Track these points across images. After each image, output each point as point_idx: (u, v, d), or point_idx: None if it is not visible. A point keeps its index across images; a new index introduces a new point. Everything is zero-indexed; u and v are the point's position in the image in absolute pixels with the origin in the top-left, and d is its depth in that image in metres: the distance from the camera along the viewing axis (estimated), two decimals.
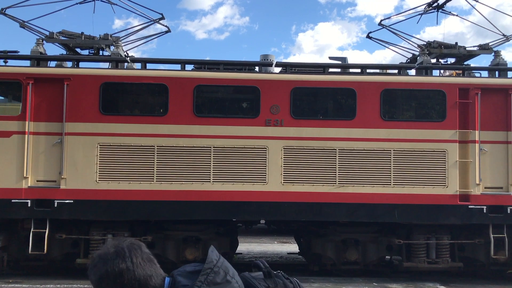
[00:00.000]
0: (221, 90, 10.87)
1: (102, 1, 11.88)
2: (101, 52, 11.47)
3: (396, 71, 11.60)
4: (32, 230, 9.84)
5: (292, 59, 53.82)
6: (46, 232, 9.81)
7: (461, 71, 11.62)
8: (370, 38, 12.60)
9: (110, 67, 10.91)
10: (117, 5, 11.86)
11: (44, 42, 11.06)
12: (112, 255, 1.82)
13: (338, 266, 10.89)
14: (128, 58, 11.21)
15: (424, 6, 12.47)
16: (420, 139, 10.40)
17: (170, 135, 10.16)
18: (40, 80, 10.09)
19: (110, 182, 10.02)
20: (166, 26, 11.99)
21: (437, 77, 11.36)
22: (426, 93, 10.84)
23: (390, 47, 13.25)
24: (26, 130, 9.94)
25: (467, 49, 11.79)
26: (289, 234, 16.09)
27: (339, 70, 11.70)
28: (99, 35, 11.25)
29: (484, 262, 10.78)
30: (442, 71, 12.00)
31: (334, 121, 10.48)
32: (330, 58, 12.70)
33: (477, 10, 12.24)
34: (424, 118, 10.77)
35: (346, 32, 58.11)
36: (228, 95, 11.01)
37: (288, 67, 11.05)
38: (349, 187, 10.24)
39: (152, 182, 10.06)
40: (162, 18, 11.77)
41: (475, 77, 11.20)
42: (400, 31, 12.30)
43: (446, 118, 10.47)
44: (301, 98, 10.66)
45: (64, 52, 11.59)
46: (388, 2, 52.93)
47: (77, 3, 11.78)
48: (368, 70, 11.33)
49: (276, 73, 11.02)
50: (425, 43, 11.88)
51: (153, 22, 11.84)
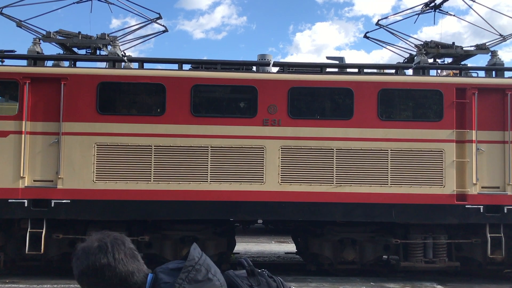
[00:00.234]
0: (218, 90, 10.86)
1: (99, 0, 11.86)
2: (98, 51, 11.45)
3: (393, 71, 11.63)
4: (29, 230, 9.81)
5: (289, 59, 53.84)
6: (43, 232, 9.79)
7: (458, 71, 11.64)
8: (368, 38, 12.63)
9: (107, 67, 10.89)
10: (114, 4, 11.85)
11: (41, 41, 11.03)
12: (94, 250, 1.81)
13: (336, 265, 10.90)
14: (125, 58, 11.19)
15: (421, 6, 12.50)
16: (417, 139, 10.42)
17: (167, 135, 10.15)
18: (37, 79, 10.07)
19: (107, 182, 10.00)
20: (164, 26, 11.99)
21: (434, 77, 11.37)
22: (423, 93, 10.86)
23: (388, 47, 13.27)
24: (23, 130, 9.91)
25: (464, 49, 11.82)
26: (286, 234, 16.11)
27: (337, 70, 11.71)
28: (96, 35, 11.23)
29: (481, 262, 10.80)
30: (439, 71, 12.02)
31: (332, 121, 10.49)
32: (328, 58, 12.69)
33: (474, 10, 12.28)
34: (421, 118, 10.78)
35: (343, 32, 58.20)
36: (225, 95, 11.00)
37: (285, 67, 11.05)
38: (346, 187, 10.25)
39: (149, 182, 10.05)
40: (160, 17, 11.76)
41: (472, 77, 11.22)
42: (397, 31, 12.34)
43: (443, 118, 10.49)
44: (298, 98, 10.66)
45: (61, 51, 11.57)
46: (385, 2, 53.03)
47: (74, 3, 11.76)
48: (365, 70, 11.34)
49: (273, 72, 11.03)
50: (422, 43, 11.91)
51: (150, 21, 11.84)
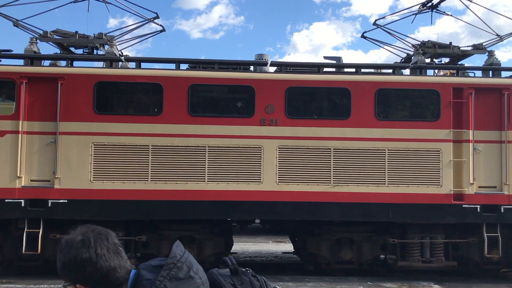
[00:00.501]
0: (216, 90, 10.85)
1: (96, 0, 11.84)
2: (95, 51, 11.43)
3: (390, 71, 11.64)
4: (25, 230, 9.79)
5: (287, 59, 53.91)
6: (40, 232, 9.77)
7: (455, 71, 11.67)
8: (365, 37, 12.64)
9: (104, 66, 10.86)
10: (111, 4, 11.84)
11: (38, 41, 11.00)
12: (77, 244, 1.79)
13: (333, 265, 10.91)
14: (122, 57, 11.18)
15: (418, 6, 12.51)
16: (414, 139, 10.43)
17: (164, 135, 10.14)
18: (33, 79, 10.04)
19: (105, 181, 9.98)
20: (161, 25, 11.98)
21: (431, 76, 11.39)
22: (420, 92, 10.88)
23: (385, 47, 13.30)
24: (20, 130, 9.89)
25: (461, 49, 11.84)
26: (284, 234, 16.10)
27: (334, 69, 11.72)
28: (94, 34, 11.21)
29: (478, 261, 10.83)
30: (436, 71, 12.04)
31: (329, 120, 10.50)
32: (325, 57, 12.73)
33: (471, 10, 12.34)
34: (418, 117, 10.80)
35: (341, 31, 58.25)
36: (223, 95, 11.00)
37: (283, 67, 11.05)
38: (343, 187, 10.26)
39: (146, 182, 10.03)
40: (157, 17, 11.74)
41: (469, 77, 11.25)
42: (394, 31, 12.35)
43: (440, 117, 10.51)
44: (296, 98, 10.66)
45: (58, 51, 11.54)
46: (382, 2, 53.10)
47: (71, 2, 11.73)
48: (362, 70, 11.35)
49: (271, 72, 11.03)
50: (419, 43, 11.92)
51: (147, 21, 11.82)
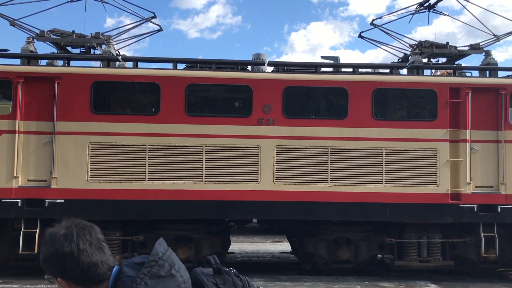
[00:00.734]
0: (213, 89, 10.85)
1: None
2: (92, 51, 11.41)
3: (387, 71, 11.65)
4: (22, 230, 9.76)
5: (284, 59, 53.88)
6: (36, 232, 9.74)
7: (452, 71, 11.68)
8: (362, 37, 12.65)
9: (101, 66, 10.85)
10: (108, 3, 11.82)
11: (34, 40, 10.98)
12: (60, 237, 1.78)
13: (330, 265, 10.92)
14: (119, 57, 11.16)
15: (415, 6, 12.54)
16: (411, 139, 10.45)
17: (162, 134, 10.12)
18: (30, 78, 10.01)
19: (102, 181, 9.97)
20: (158, 25, 11.97)
21: (428, 76, 11.41)
22: (418, 92, 10.89)
23: (382, 47, 13.30)
24: (17, 129, 9.86)
25: (458, 48, 11.86)
26: (281, 233, 16.10)
27: (331, 69, 11.73)
28: (91, 34, 11.19)
29: (474, 261, 10.85)
30: (433, 71, 12.06)
31: (326, 120, 10.50)
32: (322, 57, 12.73)
33: (468, 10, 12.36)
34: (415, 117, 10.81)
35: (338, 31, 58.27)
36: (220, 94, 10.99)
37: (280, 66, 11.05)
38: (341, 186, 10.27)
39: (144, 182, 10.02)
40: (154, 16, 11.73)
41: (466, 76, 11.27)
42: (392, 31, 12.37)
43: (437, 117, 10.53)
44: (293, 98, 10.67)
45: (55, 50, 11.51)
46: (380, 2, 53.14)
47: (68, 1, 11.71)
48: (360, 70, 11.36)
49: (268, 72, 11.02)
50: (416, 43, 11.94)
51: (145, 20, 11.81)
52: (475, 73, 11.44)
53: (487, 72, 11.26)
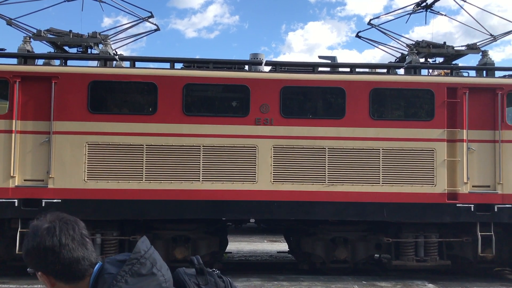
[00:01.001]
0: (210, 89, 10.84)
1: None
2: (89, 50, 11.38)
3: (385, 71, 11.67)
4: (19, 230, 9.73)
5: (282, 58, 53.90)
6: None
7: (449, 71, 11.70)
8: (360, 37, 12.66)
9: (98, 66, 10.81)
10: (106, 3, 11.79)
11: (31, 40, 10.95)
12: (42, 231, 1.75)
13: (328, 264, 10.93)
14: (116, 57, 11.13)
15: (413, 6, 12.54)
16: (408, 138, 10.46)
17: (159, 134, 10.11)
18: (27, 78, 9.98)
19: (99, 181, 9.95)
20: (155, 25, 11.95)
21: (425, 76, 11.43)
22: (415, 92, 10.90)
23: (379, 47, 13.32)
24: (13, 129, 9.83)
25: (455, 48, 11.88)
26: (278, 233, 16.12)
27: (329, 69, 11.73)
28: (88, 33, 11.16)
29: (471, 260, 10.88)
30: (430, 71, 12.08)
31: (324, 120, 10.51)
32: (320, 57, 12.74)
33: (465, 10, 12.41)
34: (412, 117, 10.83)
35: (335, 31, 58.31)
36: (217, 94, 10.98)
37: (277, 66, 11.05)
38: (338, 186, 10.28)
39: (141, 181, 10.00)
40: (151, 16, 11.71)
41: (463, 76, 11.29)
42: (389, 31, 12.38)
43: (434, 117, 10.54)
44: (290, 97, 10.66)
45: (52, 50, 11.48)
46: (377, 1, 53.19)
47: (65, 1, 11.68)
48: (357, 70, 11.37)
49: (265, 72, 11.03)
50: (413, 43, 11.96)
51: (142, 20, 11.78)
52: (472, 73, 11.46)
53: (484, 72, 11.28)
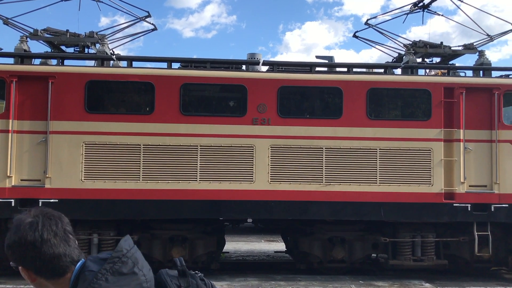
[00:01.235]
0: (208, 89, 10.83)
1: None
2: (86, 50, 11.37)
3: (382, 70, 11.68)
4: None
5: (279, 58, 53.94)
6: None
7: (446, 71, 11.73)
8: (357, 37, 12.67)
9: (95, 65, 10.81)
10: (103, 2, 11.77)
11: (28, 39, 10.92)
12: (25, 225, 1.74)
13: (325, 264, 10.94)
14: (114, 56, 11.11)
15: (410, 6, 12.56)
16: (405, 138, 10.48)
17: (156, 134, 10.10)
18: (24, 78, 9.96)
19: (96, 181, 9.93)
20: (153, 24, 11.93)
21: (422, 76, 11.45)
22: (412, 92, 10.92)
23: (377, 47, 13.34)
24: (10, 129, 9.81)
25: (452, 48, 11.91)
26: (276, 233, 16.11)
27: (326, 69, 11.74)
28: (85, 33, 11.15)
29: (468, 260, 10.90)
30: (427, 71, 12.10)
31: (321, 120, 10.51)
32: (317, 57, 12.75)
33: (462, 10, 12.44)
34: (409, 117, 10.85)
35: (333, 31, 58.34)
36: (215, 94, 10.98)
37: (275, 66, 11.06)
38: (335, 186, 10.28)
39: (138, 181, 9.99)
40: (149, 16, 11.70)
41: (460, 76, 11.32)
42: (386, 31, 12.40)
43: (431, 117, 10.56)
44: (288, 97, 10.67)
45: (48, 49, 11.46)
46: (374, 1, 53.24)
47: (62, 0, 11.65)
48: (354, 69, 11.38)
49: (263, 72, 11.02)
50: (411, 43, 11.98)
51: (139, 20, 11.77)
52: (469, 73, 11.49)
53: (481, 72, 11.31)
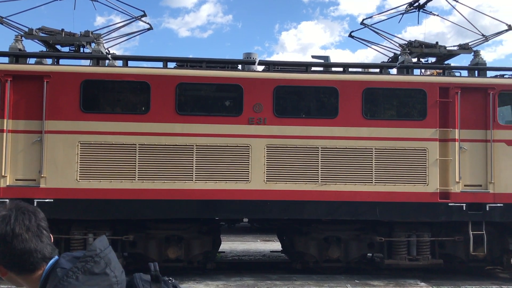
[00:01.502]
0: (203, 88, 10.82)
1: None
2: (82, 49, 11.33)
3: (378, 70, 11.70)
4: None
5: (275, 58, 53.93)
6: None
7: (441, 71, 11.77)
8: (353, 37, 12.69)
9: (91, 65, 10.77)
10: (98, 1, 11.74)
11: (23, 38, 10.88)
12: None
13: (321, 264, 10.95)
14: (109, 56, 11.08)
15: (405, 6, 12.59)
16: (401, 138, 10.50)
17: (152, 133, 10.08)
18: (19, 77, 9.92)
19: (91, 180, 9.90)
20: (149, 24, 11.91)
21: (418, 76, 11.48)
22: (407, 92, 10.95)
23: (372, 46, 13.37)
24: (5, 128, 9.76)
25: (448, 48, 11.95)
26: (272, 232, 16.12)
27: (322, 69, 11.75)
28: (80, 32, 11.11)
29: (463, 259, 10.94)
30: (423, 70, 12.13)
31: (317, 119, 10.52)
32: (313, 57, 12.76)
33: (457, 10, 12.49)
34: (405, 117, 10.87)
35: (329, 31, 58.38)
36: (210, 93, 10.97)
37: (271, 66, 11.06)
38: (331, 185, 10.30)
39: (133, 181, 9.97)
40: (144, 15, 11.67)
41: (455, 76, 11.36)
42: (382, 31, 12.42)
43: (426, 117, 10.59)
44: (284, 97, 10.67)
45: (43, 49, 11.41)
46: (370, 1, 53.30)
47: None
48: (350, 69, 11.40)
49: (259, 71, 11.03)
50: (406, 43, 12.01)
51: (135, 19, 11.75)
52: (464, 73, 11.54)
53: (476, 72, 11.35)
